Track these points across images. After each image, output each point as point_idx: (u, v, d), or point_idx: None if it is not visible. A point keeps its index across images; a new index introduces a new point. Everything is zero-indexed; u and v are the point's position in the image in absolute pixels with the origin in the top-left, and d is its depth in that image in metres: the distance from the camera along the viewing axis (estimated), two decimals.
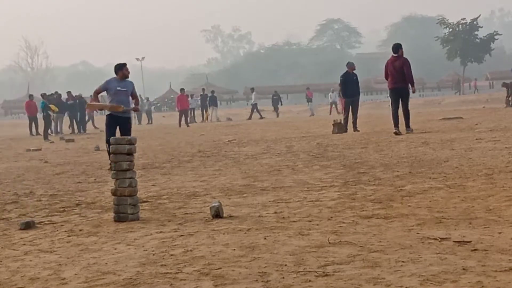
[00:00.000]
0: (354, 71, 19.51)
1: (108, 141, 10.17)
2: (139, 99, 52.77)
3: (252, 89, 44.83)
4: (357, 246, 4.81)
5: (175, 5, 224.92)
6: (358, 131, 18.24)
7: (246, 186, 8.83)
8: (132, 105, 12.53)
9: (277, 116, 43.97)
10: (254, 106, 42.10)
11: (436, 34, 79.74)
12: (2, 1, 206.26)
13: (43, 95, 31.90)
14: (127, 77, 12.02)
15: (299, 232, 5.44)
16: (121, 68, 11.96)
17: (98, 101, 13.20)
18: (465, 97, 62.20)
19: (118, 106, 11.71)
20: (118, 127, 11.85)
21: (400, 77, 15.76)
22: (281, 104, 47.05)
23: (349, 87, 19.24)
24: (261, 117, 40.29)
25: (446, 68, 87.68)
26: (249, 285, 3.94)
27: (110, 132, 11.72)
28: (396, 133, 15.24)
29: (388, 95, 16.75)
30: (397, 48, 16.05)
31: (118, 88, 11.85)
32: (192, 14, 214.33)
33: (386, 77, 16.24)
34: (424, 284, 3.73)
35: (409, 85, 15.96)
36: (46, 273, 4.60)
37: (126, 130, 11.72)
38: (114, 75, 11.98)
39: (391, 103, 16.28)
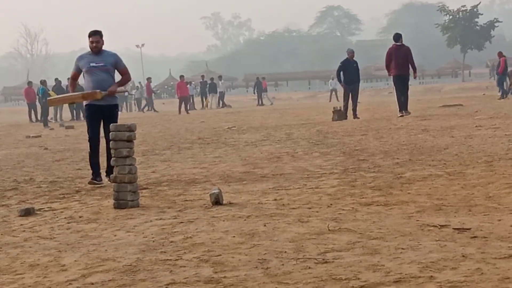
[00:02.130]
0: (354, 58, 19.47)
1: (90, 139, 8.84)
2: (139, 85, 52.64)
3: (220, 77, 44.61)
4: (356, 233, 4.82)
5: None
6: (358, 118, 18.24)
7: (246, 173, 8.83)
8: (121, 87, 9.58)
9: (260, 104, 43.45)
10: (221, 94, 42.12)
11: (436, 21, 79.42)
12: None
13: (42, 82, 31.86)
14: (99, 49, 8.76)
15: (298, 219, 5.45)
16: (88, 38, 8.80)
17: (74, 90, 9.69)
18: (465, 84, 62.14)
19: (92, 93, 8.63)
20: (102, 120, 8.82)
21: (404, 64, 16.88)
22: (266, 91, 46.58)
23: (349, 74, 19.19)
24: (223, 106, 40.35)
25: (446, 56, 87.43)
26: (249, 272, 3.95)
27: (92, 127, 8.85)
28: (401, 116, 16.40)
29: (393, 81, 17.64)
30: (399, 37, 17.22)
31: (92, 64, 8.70)
32: (192, 0, 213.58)
33: (388, 64, 17.17)
34: (424, 271, 3.74)
35: (410, 72, 17.03)
36: (46, 259, 4.61)
37: (111, 123, 8.22)
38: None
39: (395, 89, 17.30)
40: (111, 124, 6.99)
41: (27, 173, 10.17)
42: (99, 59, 8.72)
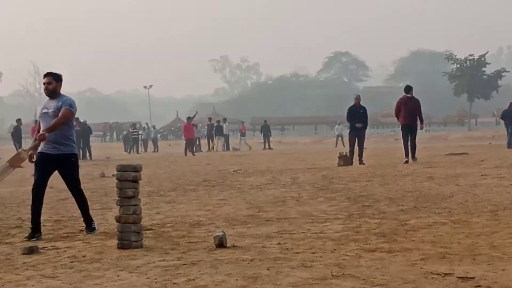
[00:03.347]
0: (362, 104, 19.57)
1: (34, 187, 7.75)
2: (146, 127, 52.77)
3: (225, 120, 44.85)
4: (360, 279, 4.80)
5: (183, 34, 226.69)
6: (364, 164, 18.25)
7: (251, 216, 8.82)
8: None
9: (267, 148, 43.45)
10: (226, 137, 42.31)
11: (444, 69, 79.97)
12: (12, 28, 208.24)
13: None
14: (52, 92, 7.86)
15: (302, 264, 5.43)
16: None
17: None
18: (471, 133, 62.22)
19: (16, 157, 7.86)
20: (58, 170, 7.92)
21: (413, 115, 18.04)
22: (270, 135, 46.75)
23: (355, 120, 19.28)
24: (228, 149, 40.40)
25: (453, 104, 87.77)
26: None
27: (38, 174, 7.79)
28: (406, 162, 17.41)
29: (400, 129, 18.64)
30: (410, 89, 18.33)
31: (44, 111, 7.90)
32: (201, 43, 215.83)
33: (397, 113, 18.27)
34: None
35: (418, 122, 18.17)
36: None
37: (68, 177, 7.96)
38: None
39: (403, 137, 18.31)
40: (117, 165, 6.96)
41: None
42: (52, 105, 7.84)
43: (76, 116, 8.58)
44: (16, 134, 30.97)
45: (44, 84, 7.93)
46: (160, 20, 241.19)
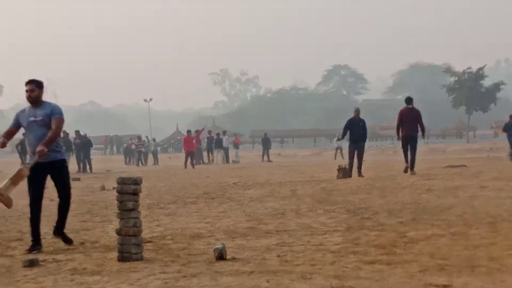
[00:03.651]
0: (361, 117, 19.64)
1: (31, 202, 7.81)
2: (146, 140, 52.95)
3: (224, 132, 45.04)
4: None
5: (183, 47, 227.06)
6: (363, 176, 18.27)
7: (250, 228, 8.84)
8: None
9: (265, 160, 43.46)
10: (225, 150, 42.42)
11: (442, 82, 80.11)
12: (13, 41, 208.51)
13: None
14: (35, 100, 7.80)
15: (301, 276, 5.46)
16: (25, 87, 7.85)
17: (6, 144, 7.87)
18: (469, 145, 62.24)
19: (17, 174, 7.63)
20: (50, 176, 7.93)
21: (414, 126, 18.29)
22: (271, 148, 46.84)
23: (354, 132, 19.33)
24: (227, 161, 40.42)
25: (452, 116, 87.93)
26: None
27: (33, 188, 7.85)
28: (406, 167, 17.99)
29: (401, 140, 18.62)
30: (410, 100, 18.61)
31: (31, 119, 7.76)
32: (201, 57, 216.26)
33: (399, 125, 18.42)
34: None
35: (418, 133, 18.36)
36: None
37: (61, 182, 8.00)
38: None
39: (402, 146, 18.52)
40: (118, 178, 6.97)
41: None
42: (40, 113, 7.72)
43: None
44: (23, 147, 31.04)
45: (26, 91, 7.78)
46: (160, 34, 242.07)
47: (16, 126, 7.93)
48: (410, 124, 18.26)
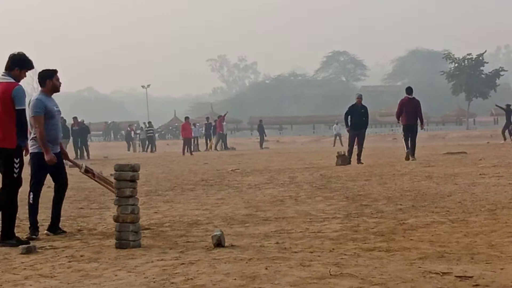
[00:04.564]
0: (363, 103, 19.54)
1: (36, 190, 7.83)
2: (143, 126, 53.03)
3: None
4: (358, 279, 4.80)
5: (181, 33, 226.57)
6: (362, 163, 18.25)
7: (249, 215, 8.82)
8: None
9: (261, 147, 43.50)
10: (224, 136, 42.38)
11: (442, 68, 79.87)
12: (10, 25, 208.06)
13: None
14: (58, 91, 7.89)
15: (300, 263, 5.43)
16: (51, 76, 7.74)
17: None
18: (469, 132, 62.24)
19: (107, 180, 8.62)
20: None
21: (414, 115, 19.00)
22: (265, 135, 46.80)
23: (355, 119, 19.24)
24: (226, 148, 40.48)
25: (451, 103, 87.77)
26: None
27: (37, 175, 7.88)
28: (407, 154, 18.53)
29: (402, 129, 19.63)
30: (411, 90, 19.30)
31: (57, 109, 7.84)
32: (199, 43, 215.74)
33: (399, 114, 19.11)
34: None
35: (418, 122, 19.15)
36: None
37: (59, 169, 8.16)
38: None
39: (404, 135, 19.33)
40: (115, 164, 6.97)
41: None
42: (56, 103, 7.87)
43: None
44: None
45: (58, 81, 7.81)
46: (158, 19, 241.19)
47: (43, 114, 7.61)
48: (410, 114, 18.91)
